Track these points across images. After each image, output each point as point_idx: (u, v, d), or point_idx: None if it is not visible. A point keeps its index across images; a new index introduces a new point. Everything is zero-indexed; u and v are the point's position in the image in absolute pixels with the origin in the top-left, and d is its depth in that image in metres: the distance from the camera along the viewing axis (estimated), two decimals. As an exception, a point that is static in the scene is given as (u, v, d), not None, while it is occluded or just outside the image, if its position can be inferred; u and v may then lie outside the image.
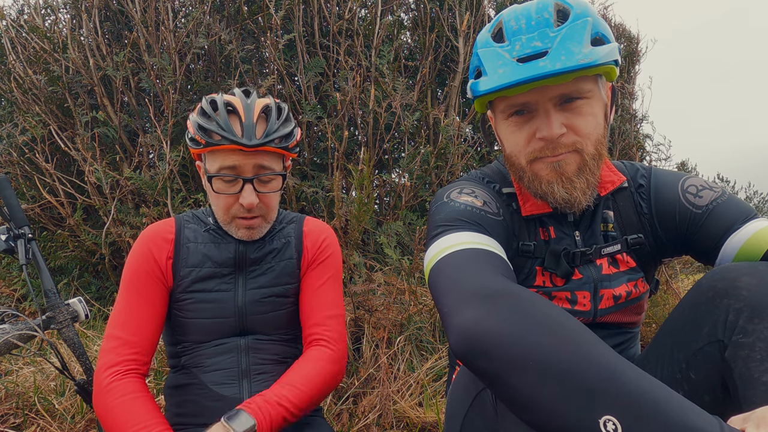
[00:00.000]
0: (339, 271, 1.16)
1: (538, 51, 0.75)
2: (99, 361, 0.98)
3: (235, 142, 0.95)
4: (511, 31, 0.79)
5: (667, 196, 0.89)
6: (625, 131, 3.62)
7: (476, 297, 0.63)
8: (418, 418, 1.67)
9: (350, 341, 1.93)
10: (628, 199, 0.93)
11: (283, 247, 1.12)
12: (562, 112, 0.79)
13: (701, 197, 0.86)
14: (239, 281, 1.07)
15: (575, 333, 0.57)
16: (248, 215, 1.02)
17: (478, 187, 0.90)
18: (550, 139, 0.79)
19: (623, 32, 3.98)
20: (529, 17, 0.78)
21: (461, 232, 0.78)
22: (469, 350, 0.59)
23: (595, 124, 0.81)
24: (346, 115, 2.58)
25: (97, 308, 2.55)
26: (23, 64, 2.76)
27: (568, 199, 0.82)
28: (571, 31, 0.75)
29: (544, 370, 0.54)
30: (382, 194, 2.86)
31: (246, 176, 0.99)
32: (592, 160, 0.82)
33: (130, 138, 2.80)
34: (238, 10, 2.77)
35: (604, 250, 0.90)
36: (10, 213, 1.19)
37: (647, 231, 0.92)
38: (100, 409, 0.95)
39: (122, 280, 1.05)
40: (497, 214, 0.85)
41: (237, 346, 1.05)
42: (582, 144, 0.80)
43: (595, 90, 0.80)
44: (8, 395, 1.74)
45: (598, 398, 0.52)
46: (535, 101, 0.79)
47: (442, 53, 2.96)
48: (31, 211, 2.75)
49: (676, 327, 0.79)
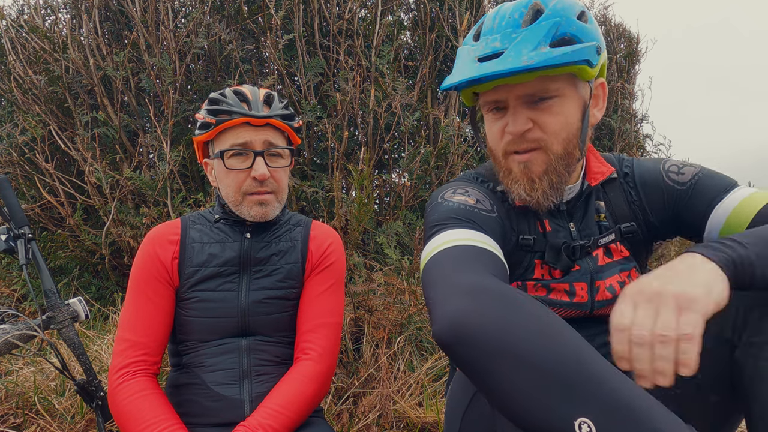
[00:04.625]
0: (341, 280, 1.16)
1: (495, 51, 0.78)
2: (111, 364, 1.00)
3: (245, 115, 1.01)
4: (484, 31, 0.83)
5: (652, 179, 0.92)
6: (625, 131, 3.62)
7: (462, 291, 0.64)
8: (418, 418, 1.67)
9: (350, 341, 1.93)
10: (618, 189, 0.95)
11: (289, 250, 1.12)
12: (531, 110, 0.82)
13: (683, 174, 0.90)
14: (243, 281, 1.07)
15: (557, 331, 0.58)
16: (261, 189, 1.05)
17: (472, 187, 0.92)
18: (515, 134, 0.82)
19: (623, 32, 3.98)
20: (503, 17, 0.81)
21: (454, 229, 0.80)
22: (452, 337, 0.60)
23: (565, 123, 0.82)
24: (346, 115, 2.58)
25: (97, 308, 2.55)
26: (23, 64, 2.76)
27: (527, 200, 0.86)
28: (530, 33, 0.77)
29: (523, 363, 0.55)
30: (382, 194, 2.86)
31: (256, 149, 1.03)
32: (559, 160, 0.83)
33: (130, 138, 2.80)
34: (238, 10, 2.77)
35: (601, 240, 0.92)
36: (10, 213, 1.19)
37: (639, 219, 0.94)
38: (113, 409, 0.97)
39: (129, 282, 1.06)
40: (491, 211, 0.87)
41: (239, 346, 1.05)
42: (547, 142, 0.82)
43: (568, 89, 0.82)
44: (8, 395, 1.74)
45: (575, 398, 0.52)
46: (505, 98, 0.83)
47: (442, 53, 2.96)
48: (31, 211, 2.75)
49: None
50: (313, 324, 1.07)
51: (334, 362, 1.09)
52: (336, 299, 1.12)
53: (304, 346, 1.06)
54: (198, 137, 1.07)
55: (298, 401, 0.98)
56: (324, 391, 1.06)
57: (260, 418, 0.94)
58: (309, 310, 1.09)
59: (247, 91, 1.06)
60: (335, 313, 1.11)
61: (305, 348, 1.06)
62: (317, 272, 1.12)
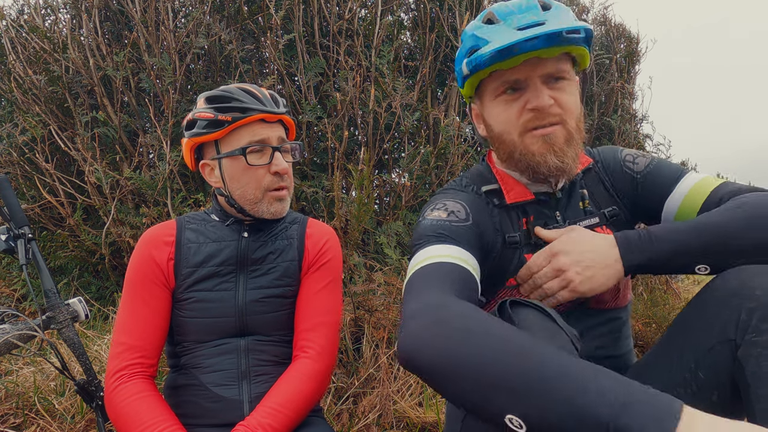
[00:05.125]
0: (338, 277, 1.15)
1: (535, 22, 0.84)
2: (107, 368, 0.99)
3: (262, 111, 1.01)
4: (504, 15, 0.88)
5: (614, 165, 1.00)
6: (625, 131, 3.62)
7: (413, 315, 0.71)
8: (418, 418, 1.67)
9: (350, 341, 1.93)
10: (594, 177, 1.01)
11: (285, 248, 1.11)
12: (550, 89, 0.88)
13: (638, 164, 0.97)
14: (240, 280, 1.06)
15: (497, 338, 0.63)
16: (282, 184, 1.06)
17: (451, 197, 0.96)
18: (541, 109, 0.86)
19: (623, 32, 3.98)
20: (519, 5, 0.88)
21: (426, 247, 0.85)
22: (408, 366, 0.69)
23: (575, 102, 0.90)
24: (346, 115, 2.58)
25: (97, 308, 2.55)
26: (23, 64, 2.76)
27: (560, 167, 0.88)
28: (557, 12, 0.87)
29: (467, 382, 0.62)
30: (382, 194, 2.86)
31: (273, 145, 1.04)
32: (576, 133, 0.90)
33: (130, 138, 2.80)
34: (238, 10, 2.77)
35: (581, 222, 0.96)
36: (10, 213, 1.19)
37: (619, 203, 0.99)
38: (110, 413, 0.96)
39: (124, 284, 1.05)
40: (464, 220, 0.90)
41: (237, 346, 1.04)
42: (566, 117, 0.88)
43: (572, 74, 0.90)
44: (8, 395, 1.74)
45: (505, 397, 0.59)
46: (525, 78, 0.87)
47: (442, 53, 2.96)
48: (31, 211, 2.75)
49: (685, 327, 0.79)
50: (312, 323, 1.07)
51: (333, 360, 1.09)
52: (334, 297, 1.12)
53: (303, 345, 1.06)
54: (202, 137, 1.04)
55: (297, 400, 0.98)
56: (323, 390, 1.06)
57: (259, 417, 0.93)
58: (307, 308, 1.09)
59: (252, 88, 1.06)
60: (333, 311, 1.11)
61: (304, 346, 1.06)
62: (314, 270, 1.12)
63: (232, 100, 1.02)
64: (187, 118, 1.08)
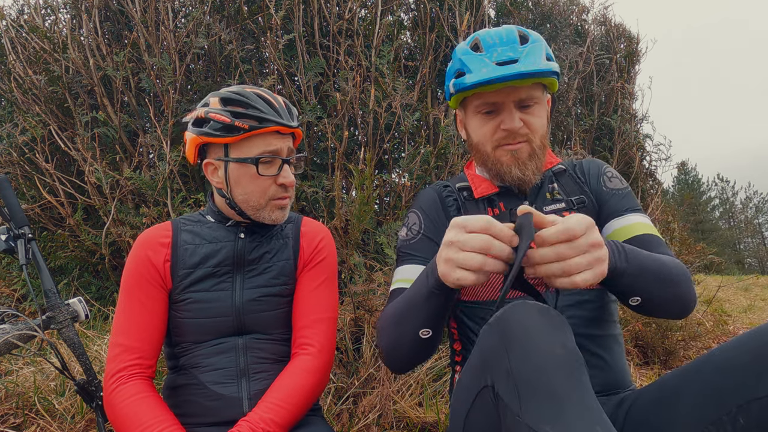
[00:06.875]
0: (334, 274, 1.16)
1: (511, 59, 0.99)
2: (105, 370, 1.00)
3: (278, 123, 1.03)
4: (488, 45, 1.03)
5: (594, 172, 1.14)
6: (625, 131, 3.62)
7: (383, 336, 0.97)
8: (418, 418, 1.67)
9: (350, 341, 1.93)
10: (568, 177, 1.14)
11: (281, 247, 1.12)
12: (521, 112, 1.04)
13: (612, 182, 1.11)
14: (237, 280, 1.07)
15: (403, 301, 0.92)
16: (285, 195, 1.09)
17: (414, 207, 1.15)
18: (512, 130, 1.03)
19: (623, 32, 3.98)
20: (501, 37, 1.03)
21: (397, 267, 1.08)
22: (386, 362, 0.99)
23: (541, 123, 1.06)
24: (346, 115, 2.58)
25: (97, 308, 2.55)
26: (23, 64, 2.76)
27: (521, 178, 1.04)
28: (533, 49, 1.01)
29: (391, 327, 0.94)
30: (382, 194, 2.86)
31: (284, 157, 1.06)
32: (539, 149, 1.06)
33: (130, 138, 2.80)
34: (238, 10, 2.77)
35: (548, 207, 1.07)
36: (10, 213, 1.19)
37: (588, 195, 1.11)
38: (109, 414, 0.97)
39: (121, 286, 1.05)
40: (417, 233, 1.10)
41: (235, 345, 1.05)
42: (532, 136, 1.05)
43: (542, 98, 1.06)
44: (8, 395, 1.74)
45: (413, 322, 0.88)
46: (502, 101, 1.03)
47: (442, 53, 2.96)
48: (31, 211, 2.75)
49: (729, 368, 0.76)
50: (310, 320, 1.08)
51: (332, 357, 1.10)
52: (330, 294, 1.13)
53: (302, 342, 1.06)
54: (214, 138, 1.02)
55: (297, 395, 0.99)
56: (323, 386, 1.06)
57: (261, 413, 0.94)
58: (304, 305, 1.09)
59: (268, 95, 1.06)
60: (330, 308, 1.12)
61: (303, 344, 1.06)
62: (310, 268, 1.13)
63: (249, 107, 1.02)
64: (194, 113, 1.07)
